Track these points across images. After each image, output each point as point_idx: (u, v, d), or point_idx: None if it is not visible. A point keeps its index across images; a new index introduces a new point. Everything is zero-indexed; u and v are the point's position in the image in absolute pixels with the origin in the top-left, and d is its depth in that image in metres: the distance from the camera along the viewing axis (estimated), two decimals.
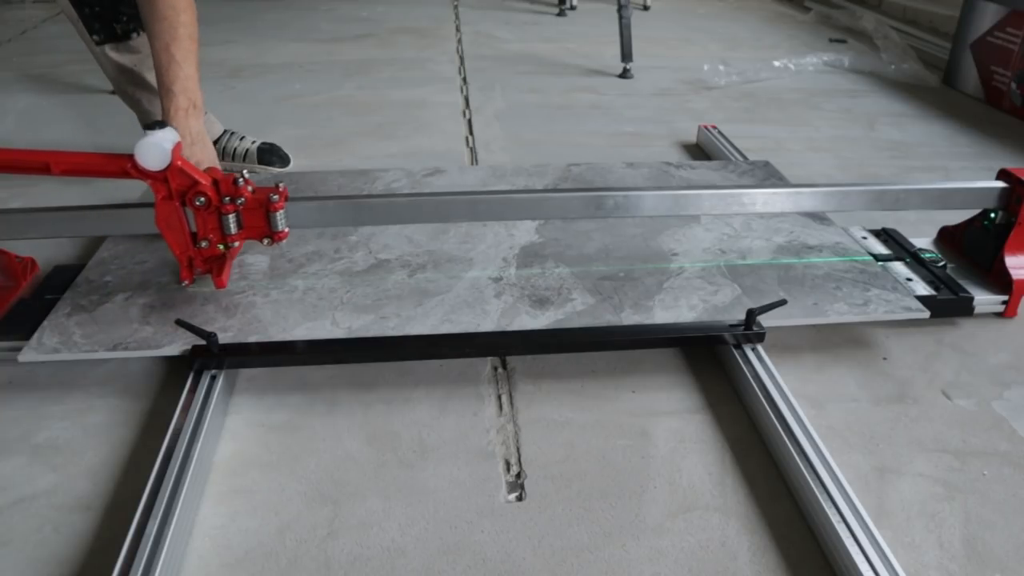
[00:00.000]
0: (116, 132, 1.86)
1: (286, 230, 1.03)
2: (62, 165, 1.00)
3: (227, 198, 1.00)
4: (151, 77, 1.49)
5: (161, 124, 0.98)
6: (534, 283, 1.13)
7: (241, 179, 1.01)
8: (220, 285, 1.07)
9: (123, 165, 0.99)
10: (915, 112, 2.12)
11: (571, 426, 0.95)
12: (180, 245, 1.03)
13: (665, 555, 0.78)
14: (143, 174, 0.98)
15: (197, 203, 0.99)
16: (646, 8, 3.45)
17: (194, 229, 1.03)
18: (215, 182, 1.00)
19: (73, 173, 1.01)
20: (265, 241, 1.04)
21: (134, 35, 1.47)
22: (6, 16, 2.94)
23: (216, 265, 1.06)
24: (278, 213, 1.02)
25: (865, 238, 1.29)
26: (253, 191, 1.02)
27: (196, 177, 0.99)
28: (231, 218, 1.01)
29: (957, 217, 1.26)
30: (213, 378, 0.95)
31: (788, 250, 1.23)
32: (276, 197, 1.01)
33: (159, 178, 0.98)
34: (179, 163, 0.98)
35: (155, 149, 0.96)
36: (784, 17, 3.34)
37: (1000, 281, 1.17)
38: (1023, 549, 0.79)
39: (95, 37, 1.43)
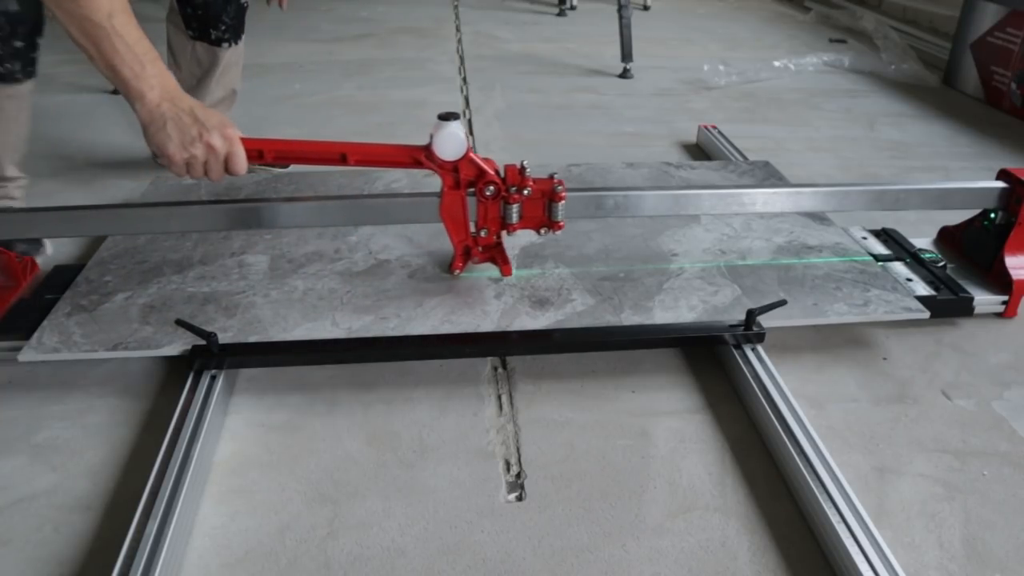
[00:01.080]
0: (116, 132, 1.86)
1: (563, 221, 1.06)
2: (357, 155, 1.02)
3: (513, 188, 1.02)
4: (213, 85, 1.53)
5: (454, 115, 1.00)
6: (534, 284, 1.13)
7: (527, 169, 1.02)
8: (508, 272, 1.10)
9: (415, 155, 1.02)
10: (915, 112, 2.12)
11: (571, 426, 0.95)
12: (460, 234, 1.07)
13: (665, 555, 0.78)
14: (434, 164, 1.01)
15: (487, 192, 1.01)
16: (646, 8, 3.45)
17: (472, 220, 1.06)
18: (499, 172, 1.02)
19: (367, 163, 1.03)
20: (542, 231, 1.07)
21: (225, 45, 1.50)
22: None
23: (496, 254, 1.09)
24: (559, 204, 1.04)
25: (865, 238, 1.29)
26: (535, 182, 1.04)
27: (484, 167, 1.01)
28: (515, 208, 1.03)
29: (957, 217, 1.26)
30: (213, 378, 0.95)
31: (788, 250, 1.23)
32: (560, 188, 1.03)
33: (449, 168, 1.01)
34: (470, 153, 1.00)
35: (453, 139, 0.99)
36: (784, 17, 3.34)
37: (1000, 281, 1.17)
38: (1023, 549, 0.79)
39: (190, 32, 1.45)
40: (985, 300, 1.15)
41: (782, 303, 1.05)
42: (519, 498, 0.85)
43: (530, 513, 0.83)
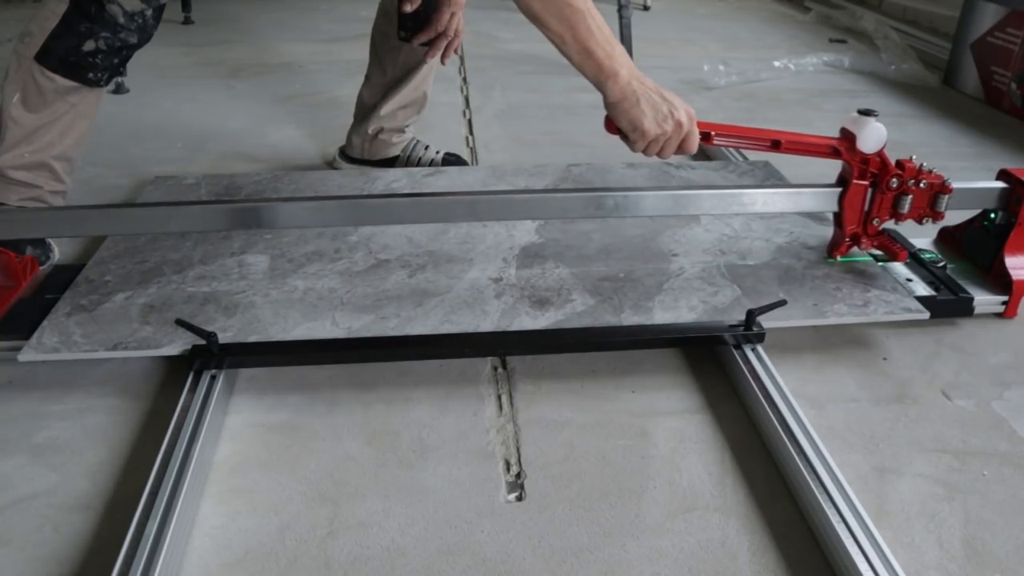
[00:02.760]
0: (117, 132, 1.86)
1: (945, 212, 1.13)
2: (787, 143, 1.10)
3: (911, 180, 1.09)
4: (409, 88, 1.54)
5: (873, 112, 1.07)
6: (534, 283, 1.13)
7: (923, 163, 1.09)
8: (903, 257, 1.14)
9: (834, 146, 1.10)
10: (915, 112, 2.12)
11: (571, 426, 0.95)
12: (853, 223, 1.13)
13: (665, 555, 0.78)
14: (851, 154, 1.08)
15: (891, 185, 1.09)
16: (646, 8, 3.45)
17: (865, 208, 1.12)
18: (900, 165, 1.09)
19: (795, 151, 1.11)
20: (925, 221, 1.13)
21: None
22: (6, 15, 2.95)
23: (884, 242, 1.14)
24: (946, 196, 1.11)
25: None
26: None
27: (888, 161, 1.09)
28: (908, 199, 1.10)
29: (957, 217, 1.26)
30: (213, 378, 0.95)
31: (788, 250, 1.23)
32: (949, 181, 1.10)
33: (860, 160, 1.08)
34: (882, 150, 1.08)
35: (876, 133, 1.07)
36: (784, 17, 3.34)
37: (1000, 281, 1.17)
38: (1023, 549, 0.79)
39: (401, 33, 1.45)
40: (985, 300, 1.15)
41: (782, 303, 1.05)
42: (519, 498, 0.85)
43: (530, 513, 0.83)
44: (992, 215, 1.18)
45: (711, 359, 1.07)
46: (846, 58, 2.56)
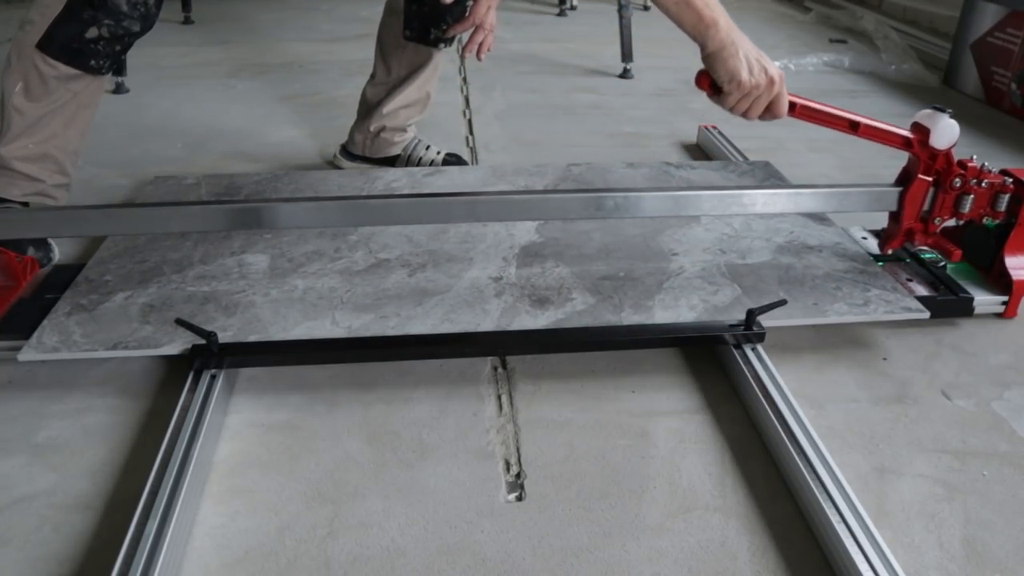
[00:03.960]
0: (117, 132, 1.86)
1: (1003, 211, 1.13)
2: (864, 127, 1.10)
3: (973, 180, 1.10)
4: (413, 88, 1.53)
5: (947, 109, 1.08)
6: (534, 283, 1.13)
7: (985, 163, 1.10)
8: (956, 258, 1.13)
9: (907, 137, 1.10)
10: (915, 112, 2.12)
11: (571, 426, 0.95)
12: (912, 218, 1.12)
13: (665, 555, 0.78)
14: (923, 149, 1.08)
15: (954, 184, 1.09)
16: (646, 8, 3.45)
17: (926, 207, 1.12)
18: (962, 164, 1.10)
19: (869, 136, 1.11)
20: (985, 220, 1.13)
21: (442, 46, 1.49)
22: (6, 15, 2.95)
23: (941, 240, 1.14)
24: (1007, 196, 1.11)
25: (865, 238, 1.29)
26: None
27: (953, 160, 1.09)
28: (970, 198, 1.10)
29: None
30: (213, 377, 0.95)
31: (788, 250, 1.23)
32: (1010, 180, 1.11)
33: (929, 155, 1.09)
34: (952, 147, 1.08)
35: (950, 130, 1.07)
36: (784, 17, 3.34)
37: (1000, 281, 1.17)
38: (1023, 549, 0.79)
39: (407, 32, 1.45)
40: (985, 300, 1.15)
41: (782, 303, 1.05)
42: (519, 498, 0.85)
43: (530, 513, 0.83)
44: None
45: (711, 359, 1.07)
46: (846, 58, 2.56)
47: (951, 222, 1.15)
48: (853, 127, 1.10)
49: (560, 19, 3.23)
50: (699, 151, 1.84)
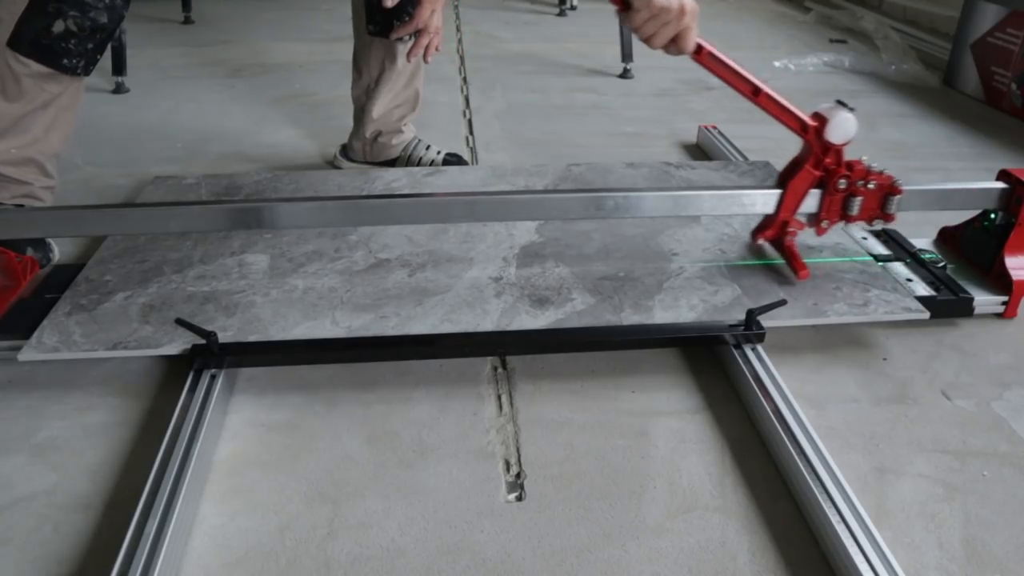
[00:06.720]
0: (117, 132, 1.86)
1: (896, 214, 1.11)
2: (765, 98, 1.10)
3: (860, 182, 1.07)
4: (387, 85, 1.52)
5: (852, 108, 1.05)
6: (534, 283, 1.13)
7: (874, 164, 1.08)
8: (805, 276, 1.11)
9: (803, 123, 1.08)
10: (915, 113, 2.12)
11: (571, 426, 0.95)
12: (788, 210, 1.11)
13: (665, 555, 0.78)
14: (816, 139, 1.06)
15: (839, 186, 1.07)
16: None
17: (814, 210, 1.11)
18: (849, 166, 1.08)
19: (767, 108, 1.10)
20: (876, 223, 1.12)
21: (402, 42, 1.47)
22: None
23: (792, 254, 1.12)
24: (897, 197, 1.09)
25: (865, 238, 1.29)
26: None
27: (842, 160, 1.07)
28: (858, 200, 1.09)
29: (957, 218, 1.26)
30: (213, 377, 0.95)
31: None
32: (899, 182, 1.09)
33: (822, 148, 1.07)
34: (843, 146, 1.06)
35: (846, 125, 1.05)
36: (784, 17, 3.34)
37: (1000, 282, 1.17)
38: (1023, 549, 0.79)
39: (370, 27, 1.45)
40: (985, 300, 1.15)
41: (782, 303, 1.05)
42: (519, 498, 0.85)
43: (530, 513, 0.83)
44: (992, 215, 1.18)
45: (711, 359, 1.07)
46: (846, 58, 2.56)
47: (880, 224, 1.13)
48: (755, 93, 1.09)
49: (560, 19, 3.23)
50: (699, 151, 1.84)
